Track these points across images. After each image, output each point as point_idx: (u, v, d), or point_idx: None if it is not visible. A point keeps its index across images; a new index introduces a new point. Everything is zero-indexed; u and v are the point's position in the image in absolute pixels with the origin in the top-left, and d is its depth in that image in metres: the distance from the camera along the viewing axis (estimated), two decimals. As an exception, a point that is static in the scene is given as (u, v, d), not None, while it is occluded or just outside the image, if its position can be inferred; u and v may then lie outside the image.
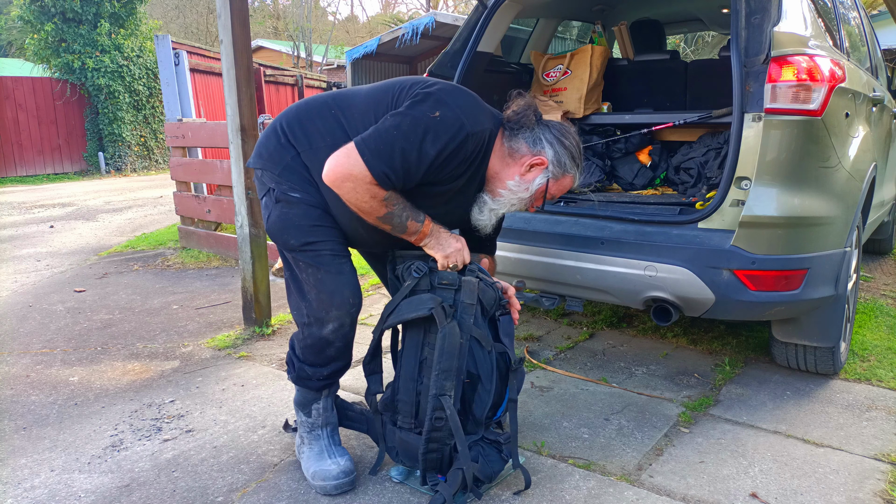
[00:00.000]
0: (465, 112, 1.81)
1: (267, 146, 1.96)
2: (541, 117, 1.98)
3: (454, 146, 1.77)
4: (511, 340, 1.96)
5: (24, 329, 3.57)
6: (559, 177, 1.95)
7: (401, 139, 1.74)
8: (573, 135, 1.98)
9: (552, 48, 4.39)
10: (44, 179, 13.15)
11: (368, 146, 1.74)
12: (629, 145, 3.48)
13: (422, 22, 8.41)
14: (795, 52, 2.22)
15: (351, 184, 1.76)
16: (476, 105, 1.88)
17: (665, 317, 2.43)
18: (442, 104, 1.78)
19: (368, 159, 1.73)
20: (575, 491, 1.95)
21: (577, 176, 2.00)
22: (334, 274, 1.90)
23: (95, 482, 2.04)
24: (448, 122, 1.76)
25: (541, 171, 1.93)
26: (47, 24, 12.96)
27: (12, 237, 6.47)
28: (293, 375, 2.06)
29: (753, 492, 1.95)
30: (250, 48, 3.30)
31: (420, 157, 1.75)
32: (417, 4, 36.22)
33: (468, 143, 1.80)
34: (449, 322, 1.85)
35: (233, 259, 5.08)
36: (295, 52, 21.58)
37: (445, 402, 1.83)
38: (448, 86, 1.88)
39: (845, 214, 2.45)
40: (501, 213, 1.99)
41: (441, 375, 1.84)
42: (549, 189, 1.96)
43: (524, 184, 1.93)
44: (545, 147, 1.93)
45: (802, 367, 2.75)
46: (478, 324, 1.91)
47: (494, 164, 1.93)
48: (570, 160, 1.95)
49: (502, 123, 1.95)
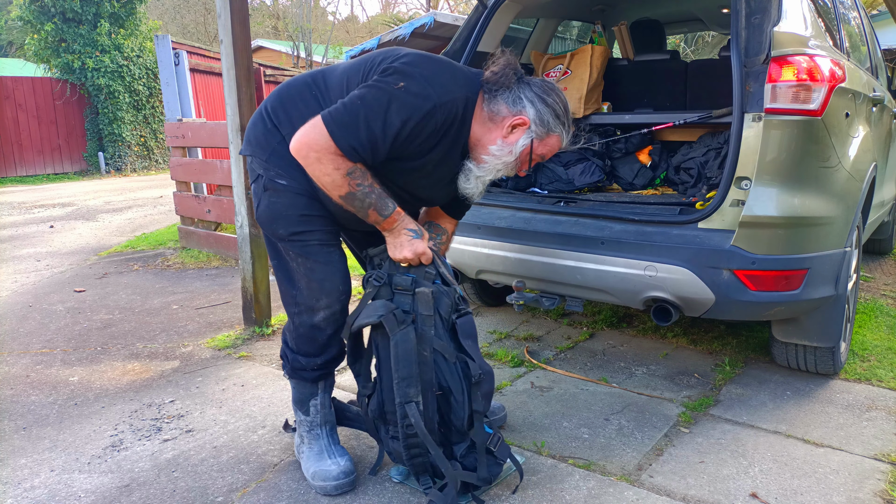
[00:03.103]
0: (433, 82, 1.75)
1: (255, 132, 1.95)
2: (522, 75, 1.88)
3: (419, 116, 1.72)
4: (474, 342, 1.89)
5: (24, 329, 3.57)
6: (543, 136, 1.87)
7: (365, 110, 1.71)
8: (557, 91, 1.89)
9: (552, 48, 4.39)
10: (44, 179, 13.15)
11: (334, 117, 1.73)
12: (629, 145, 3.48)
13: (418, 22, 8.41)
14: (795, 52, 2.22)
15: (315, 154, 1.73)
16: (447, 73, 1.82)
17: (665, 317, 2.43)
18: (407, 76, 1.75)
19: (333, 130, 1.71)
20: (575, 491, 1.95)
21: (564, 135, 1.91)
22: (323, 263, 1.90)
23: (95, 482, 2.04)
24: (413, 92, 1.72)
25: (523, 131, 1.85)
26: (47, 24, 12.95)
27: (12, 237, 6.47)
28: (288, 368, 2.07)
29: (753, 492, 1.95)
30: (250, 48, 3.30)
31: (385, 127, 1.71)
32: (417, 4, 36.23)
33: (436, 113, 1.74)
34: (402, 328, 1.82)
35: (233, 259, 5.08)
36: (295, 52, 21.57)
37: (409, 410, 1.81)
38: (418, 56, 1.83)
39: (845, 214, 2.45)
40: (488, 179, 1.90)
41: (402, 383, 1.81)
42: (535, 150, 1.88)
43: (507, 146, 1.85)
44: (526, 106, 1.84)
45: (802, 367, 2.75)
46: (438, 334, 1.86)
47: (476, 130, 1.86)
48: (553, 118, 1.86)
49: (482, 86, 1.87)
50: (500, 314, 3.66)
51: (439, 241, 2.12)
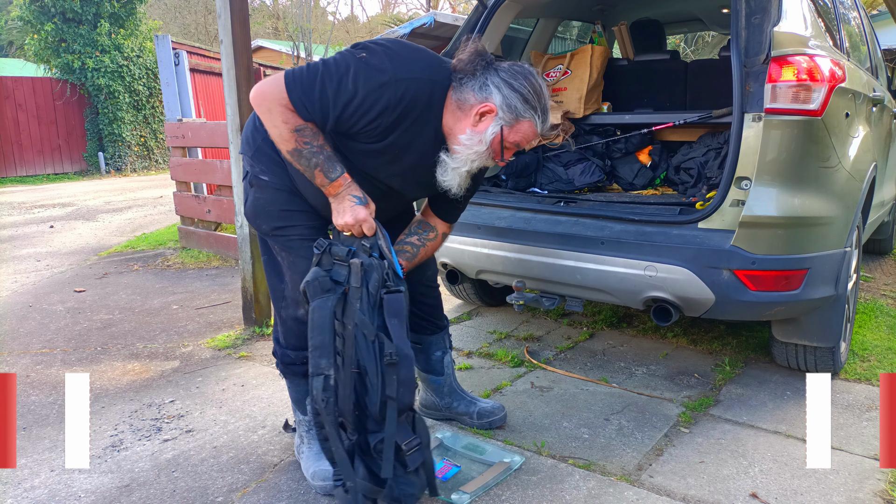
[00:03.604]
0: (395, 58, 1.74)
1: (246, 131, 2.01)
2: (491, 61, 1.82)
3: (372, 87, 1.70)
4: (400, 322, 1.75)
5: (24, 329, 3.57)
6: (513, 123, 1.79)
7: (323, 70, 1.73)
8: (527, 75, 1.80)
9: (552, 48, 4.39)
10: (44, 179, 13.14)
11: (294, 73, 1.75)
12: (629, 145, 3.48)
13: (418, 22, 8.40)
14: (795, 52, 2.22)
15: (268, 104, 1.75)
16: (415, 56, 1.80)
17: (665, 317, 2.43)
18: (371, 50, 1.75)
19: (289, 83, 1.73)
20: (575, 491, 1.95)
21: (536, 120, 1.81)
22: (304, 258, 1.91)
23: (95, 482, 2.04)
24: (372, 64, 1.72)
25: (492, 119, 1.78)
26: (47, 24, 12.95)
27: (12, 237, 6.47)
28: (280, 365, 2.10)
29: (753, 492, 1.95)
30: (250, 48, 3.30)
31: (338, 90, 1.71)
32: (417, 4, 36.22)
33: (390, 88, 1.71)
34: (323, 297, 1.74)
35: (233, 259, 5.08)
36: (295, 52, 21.58)
37: (315, 383, 1.71)
38: (390, 39, 1.84)
39: (845, 214, 2.45)
40: (464, 171, 1.84)
41: (314, 353, 1.72)
42: (506, 138, 1.80)
43: (477, 135, 1.78)
44: (492, 92, 1.77)
45: (802, 367, 2.75)
46: (363, 309, 1.73)
47: (447, 120, 1.82)
48: (521, 103, 1.77)
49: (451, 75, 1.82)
50: (500, 314, 3.66)
51: (425, 237, 2.09)
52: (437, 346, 2.34)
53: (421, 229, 2.10)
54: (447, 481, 1.98)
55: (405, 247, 2.07)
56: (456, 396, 2.38)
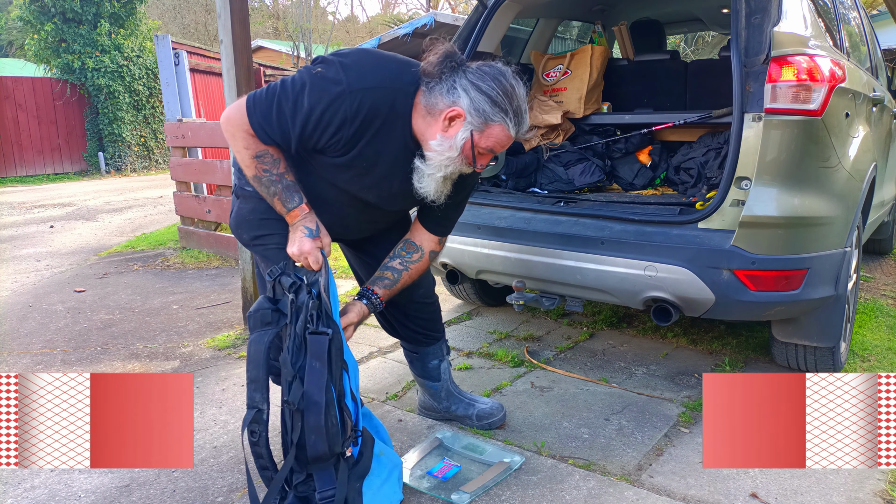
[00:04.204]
0: (350, 70, 1.70)
1: None
2: (462, 62, 1.75)
3: (327, 100, 1.67)
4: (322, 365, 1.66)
5: (24, 329, 3.57)
6: (483, 128, 1.71)
7: (280, 92, 1.73)
8: (496, 76, 1.72)
9: (552, 48, 4.39)
10: (44, 179, 13.15)
11: (254, 97, 1.75)
12: (629, 145, 3.48)
13: (419, 22, 8.40)
14: (795, 52, 2.22)
15: (232, 129, 1.76)
16: (371, 65, 1.73)
17: (665, 317, 2.43)
18: (328, 63, 1.73)
19: (249, 108, 1.74)
20: (575, 491, 1.95)
21: (508, 123, 1.72)
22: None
23: (95, 482, 2.04)
24: (327, 77, 1.69)
25: (461, 123, 1.71)
26: (47, 24, 12.95)
27: (12, 237, 6.47)
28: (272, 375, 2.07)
29: (753, 492, 1.95)
30: (250, 48, 3.30)
31: (295, 109, 1.70)
32: (417, 4, 36.21)
33: (345, 100, 1.67)
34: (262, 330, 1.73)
35: (233, 259, 5.08)
36: (295, 52, 21.57)
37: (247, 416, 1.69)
38: (354, 50, 1.81)
39: (845, 214, 2.45)
40: (439, 176, 1.76)
41: (249, 386, 1.71)
42: (477, 143, 1.73)
43: (447, 141, 1.72)
44: (460, 96, 1.70)
45: (802, 367, 2.75)
46: (289, 347, 1.70)
47: (419, 125, 1.76)
48: (490, 106, 1.69)
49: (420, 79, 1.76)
50: (500, 314, 3.66)
51: (408, 260, 2.02)
52: (433, 356, 2.32)
53: (405, 251, 2.03)
54: (447, 481, 1.98)
55: (385, 273, 2.01)
56: (454, 400, 2.37)
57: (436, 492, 1.94)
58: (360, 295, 2.00)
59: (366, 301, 1.98)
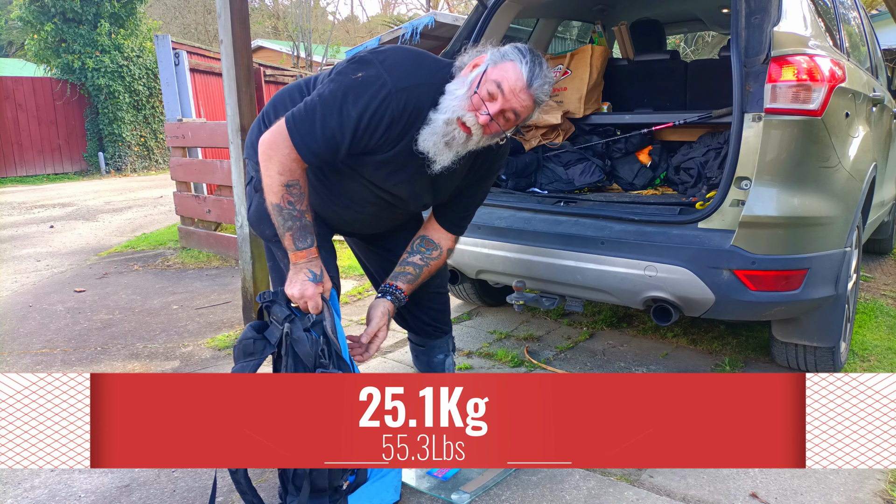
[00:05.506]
0: (391, 69, 1.72)
1: (251, 135, 2.00)
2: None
3: (376, 105, 1.69)
4: None
5: (24, 329, 3.57)
6: (498, 62, 1.74)
7: (321, 106, 1.71)
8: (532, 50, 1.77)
9: (552, 48, 4.39)
10: (44, 179, 13.15)
11: (294, 116, 1.73)
12: (629, 145, 3.48)
13: (422, 22, 8.40)
14: (795, 52, 2.22)
15: (270, 152, 1.73)
16: (411, 62, 1.78)
17: (665, 317, 2.43)
18: (366, 64, 1.73)
19: (291, 128, 1.71)
20: (575, 491, 1.95)
21: (522, 66, 1.72)
22: None
23: (95, 482, 2.04)
24: (369, 81, 1.70)
25: (482, 62, 1.76)
26: (47, 24, 12.95)
27: (12, 237, 6.47)
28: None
29: (753, 492, 1.95)
30: (250, 48, 3.30)
31: (342, 120, 1.70)
32: (417, 4, 36.22)
33: (391, 100, 1.70)
34: (246, 361, 1.73)
35: (233, 259, 5.08)
36: (295, 52, 21.56)
37: None
38: (388, 48, 1.81)
39: (845, 214, 2.45)
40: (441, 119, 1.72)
41: None
42: (487, 75, 1.72)
43: (462, 79, 1.75)
44: (487, 49, 1.79)
45: (802, 367, 2.75)
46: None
47: None
48: (512, 49, 1.75)
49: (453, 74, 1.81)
50: (500, 314, 3.66)
51: (428, 256, 2.06)
52: (439, 350, 2.34)
53: (424, 247, 2.07)
54: (447, 481, 1.98)
55: (407, 268, 2.04)
56: None
57: (436, 492, 1.94)
58: (383, 292, 2.03)
59: (390, 297, 2.01)
